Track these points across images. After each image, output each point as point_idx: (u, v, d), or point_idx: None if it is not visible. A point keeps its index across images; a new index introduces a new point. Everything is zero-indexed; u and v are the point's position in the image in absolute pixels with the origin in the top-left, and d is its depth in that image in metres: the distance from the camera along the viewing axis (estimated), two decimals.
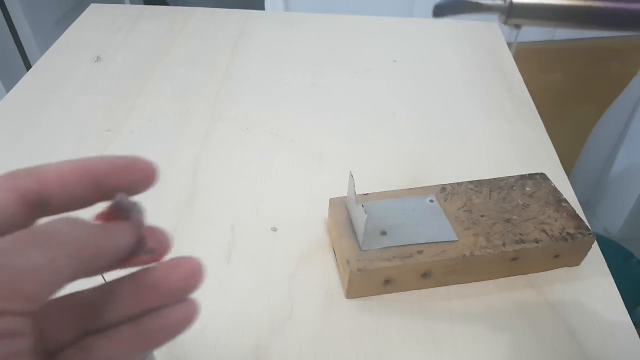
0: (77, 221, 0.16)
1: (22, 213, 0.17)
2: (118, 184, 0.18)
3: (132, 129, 0.49)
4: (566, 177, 0.45)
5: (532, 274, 0.37)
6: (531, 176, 0.40)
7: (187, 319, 0.19)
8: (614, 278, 0.37)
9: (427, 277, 0.34)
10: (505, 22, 0.21)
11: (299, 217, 0.40)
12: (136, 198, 0.18)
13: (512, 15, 0.20)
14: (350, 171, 0.35)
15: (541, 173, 0.40)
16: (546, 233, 0.35)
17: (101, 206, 0.18)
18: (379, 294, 0.35)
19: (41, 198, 0.17)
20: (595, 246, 0.38)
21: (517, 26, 0.21)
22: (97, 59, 0.59)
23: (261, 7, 0.85)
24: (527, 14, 0.20)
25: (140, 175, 0.18)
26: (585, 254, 0.37)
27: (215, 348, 0.32)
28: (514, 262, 0.35)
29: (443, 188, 0.38)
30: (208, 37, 0.63)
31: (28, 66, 1.11)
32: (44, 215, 0.17)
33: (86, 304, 0.17)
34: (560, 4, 0.20)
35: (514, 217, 0.36)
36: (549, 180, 0.40)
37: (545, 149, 0.48)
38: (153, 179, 0.18)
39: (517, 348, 0.32)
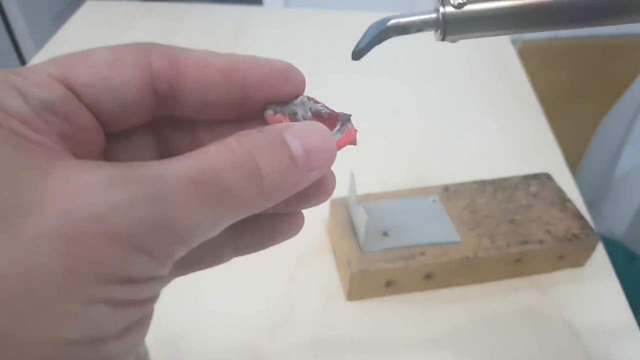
0: (255, 175, 0.12)
1: (144, 101, 0.13)
2: (268, 96, 0.14)
3: None
4: (571, 176, 0.44)
5: (536, 275, 0.36)
6: (535, 176, 0.39)
7: (300, 229, 0.16)
8: (618, 279, 0.36)
9: (430, 279, 0.34)
10: (443, 39, 0.16)
11: None
12: None
13: (449, 32, 0.16)
14: (352, 171, 0.34)
15: (545, 173, 0.40)
16: (550, 234, 0.35)
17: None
18: (381, 296, 0.34)
19: (172, 90, 0.13)
20: (600, 247, 0.37)
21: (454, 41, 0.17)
22: None
23: (260, 2, 0.84)
24: (467, 26, 0.16)
25: (294, 87, 0.14)
26: (590, 255, 0.36)
27: (213, 351, 0.31)
28: (518, 263, 0.35)
29: (446, 188, 0.38)
30: (206, 33, 0.63)
31: (23, 63, 1.10)
32: (164, 115, 0.14)
33: None
34: (500, 7, 0.16)
35: (518, 217, 0.36)
36: (553, 180, 0.39)
37: (550, 148, 0.47)
38: (303, 92, 0.15)
39: (520, 350, 0.32)
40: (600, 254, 0.37)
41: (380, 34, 0.16)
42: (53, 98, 0.12)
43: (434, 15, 0.16)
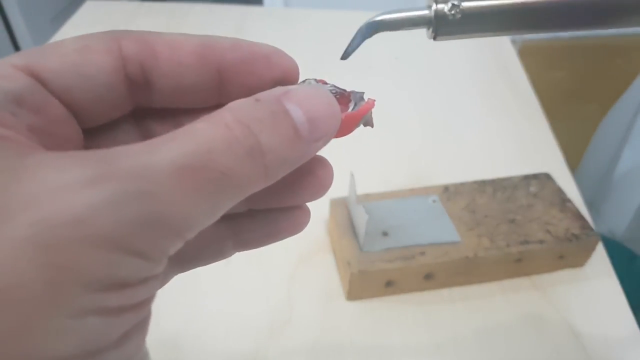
0: (254, 156, 0.11)
1: (118, 88, 0.12)
2: (246, 82, 0.13)
3: None
4: (571, 176, 0.44)
5: (536, 275, 0.36)
6: (535, 176, 0.39)
7: (304, 225, 0.15)
8: (618, 279, 0.36)
9: (430, 279, 0.34)
10: (435, 38, 0.16)
11: None
12: None
13: (441, 32, 0.15)
14: (352, 171, 0.34)
15: (545, 173, 0.40)
16: (550, 234, 0.35)
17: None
18: (381, 296, 0.34)
19: (146, 75, 0.12)
20: (599, 247, 0.37)
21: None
22: None
23: (260, 2, 0.84)
24: (461, 26, 0.15)
25: (278, 73, 0.13)
26: (590, 255, 0.36)
27: (213, 351, 0.31)
28: (518, 263, 0.35)
29: (446, 188, 0.38)
30: (206, 33, 0.62)
31: None
32: (144, 107, 0.13)
33: None
34: (496, 6, 0.15)
35: (518, 217, 0.36)
36: (553, 180, 0.39)
37: (550, 148, 0.47)
38: (296, 80, 0.14)
39: (520, 350, 0.32)
40: (600, 254, 0.37)
41: (370, 33, 0.16)
42: (19, 89, 0.11)
43: (426, 12, 0.15)
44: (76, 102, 0.12)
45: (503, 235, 0.34)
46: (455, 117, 0.51)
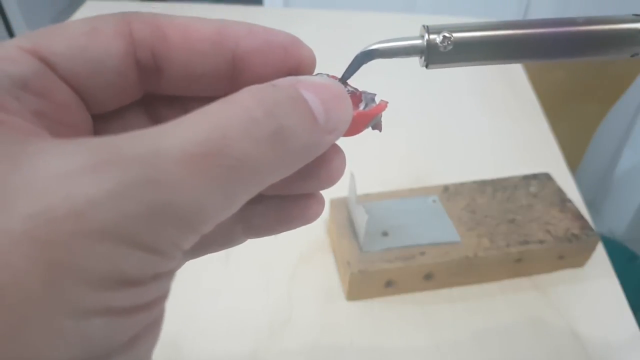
0: (272, 140, 0.10)
1: (128, 74, 0.12)
2: (261, 72, 0.13)
3: None
4: (571, 176, 0.44)
5: (536, 276, 0.36)
6: (535, 176, 0.39)
7: (317, 214, 0.15)
8: (618, 279, 0.36)
9: (430, 279, 0.34)
10: (427, 67, 0.16)
11: None
12: None
13: (432, 61, 0.16)
14: (352, 171, 0.34)
15: (545, 173, 0.40)
16: (550, 234, 0.35)
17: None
18: (381, 296, 0.34)
19: (157, 61, 0.12)
20: (600, 247, 0.37)
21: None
22: None
23: (260, 2, 0.84)
24: (452, 56, 0.16)
25: (294, 63, 0.13)
26: (590, 255, 0.36)
27: (213, 351, 0.31)
28: (518, 264, 0.35)
29: (446, 188, 0.38)
30: None
31: None
32: (155, 93, 0.12)
33: None
34: (487, 38, 0.15)
35: (518, 217, 0.36)
36: (553, 180, 0.39)
37: (550, 148, 0.47)
38: (312, 70, 0.13)
39: (520, 350, 0.32)
40: (600, 254, 0.37)
41: (366, 61, 0.16)
42: (25, 73, 0.10)
43: (419, 42, 0.16)
44: (84, 87, 0.11)
45: (503, 235, 0.34)
46: (455, 117, 0.51)
